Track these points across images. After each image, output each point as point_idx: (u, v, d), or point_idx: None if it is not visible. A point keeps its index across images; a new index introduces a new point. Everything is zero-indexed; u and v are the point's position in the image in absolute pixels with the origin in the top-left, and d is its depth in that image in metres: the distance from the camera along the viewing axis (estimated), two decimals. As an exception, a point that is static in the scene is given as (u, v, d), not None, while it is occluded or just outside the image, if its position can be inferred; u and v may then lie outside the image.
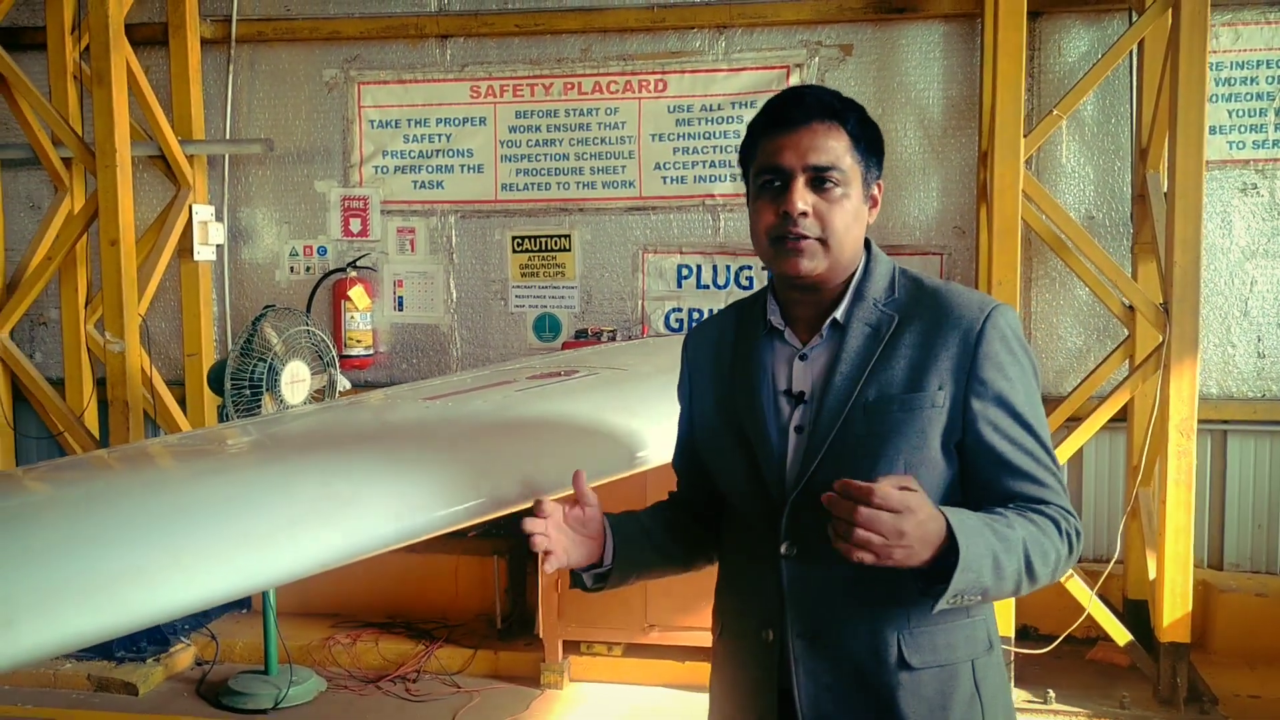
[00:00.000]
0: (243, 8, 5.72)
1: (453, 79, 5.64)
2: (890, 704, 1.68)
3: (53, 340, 5.92)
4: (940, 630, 1.69)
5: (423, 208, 5.74)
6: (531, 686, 4.91)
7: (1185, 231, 4.37)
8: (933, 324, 1.69)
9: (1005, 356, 1.67)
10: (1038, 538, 1.62)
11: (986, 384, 1.66)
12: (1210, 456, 5.17)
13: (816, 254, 1.69)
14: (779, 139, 1.70)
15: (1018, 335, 1.70)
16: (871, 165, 1.74)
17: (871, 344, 1.70)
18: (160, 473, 2.03)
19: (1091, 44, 5.14)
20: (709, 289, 5.52)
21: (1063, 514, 1.67)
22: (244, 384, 4.51)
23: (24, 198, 5.95)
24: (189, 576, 1.64)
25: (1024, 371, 1.69)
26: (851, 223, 1.71)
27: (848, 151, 1.70)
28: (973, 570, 1.53)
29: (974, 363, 1.66)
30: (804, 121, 1.70)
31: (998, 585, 1.58)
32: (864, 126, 1.73)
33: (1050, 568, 1.64)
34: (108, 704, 4.85)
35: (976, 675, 1.72)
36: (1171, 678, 4.48)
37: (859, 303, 1.74)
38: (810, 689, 1.71)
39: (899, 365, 1.68)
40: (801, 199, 1.68)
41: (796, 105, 1.72)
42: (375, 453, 2.03)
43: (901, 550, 1.49)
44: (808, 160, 1.69)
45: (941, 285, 1.76)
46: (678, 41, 5.47)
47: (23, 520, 1.71)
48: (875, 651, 1.68)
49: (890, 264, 1.79)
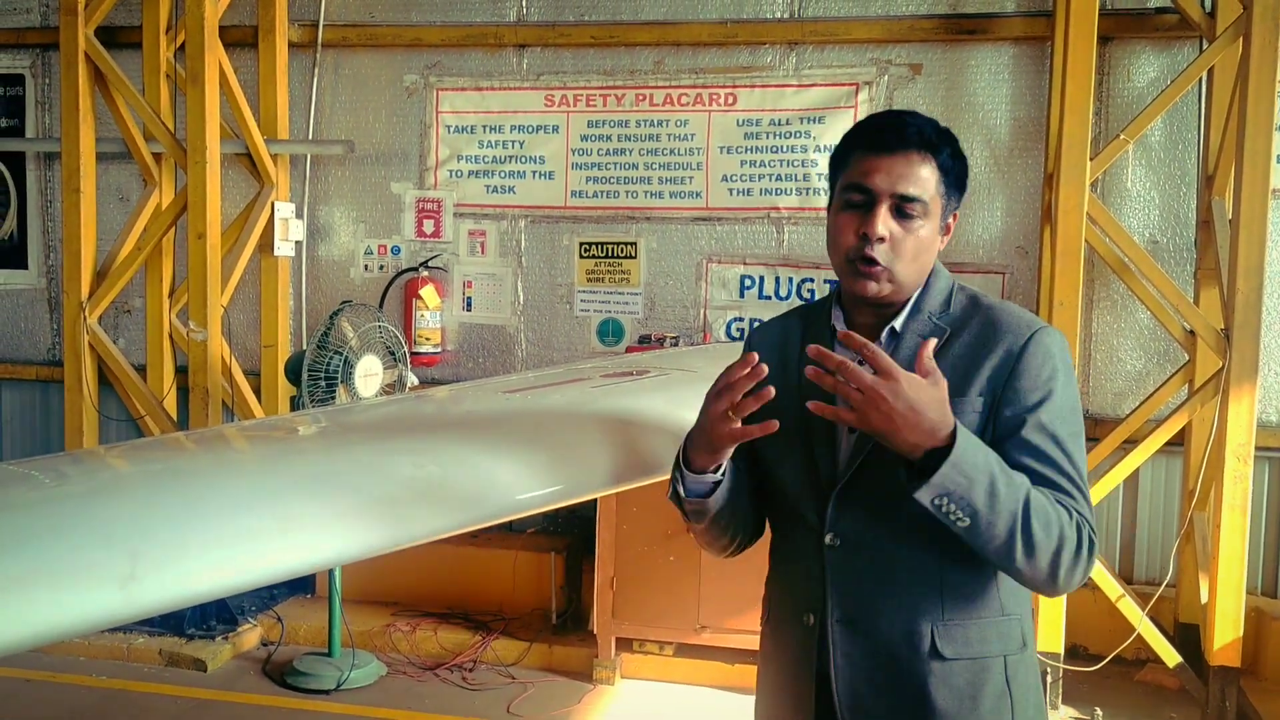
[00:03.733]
0: (329, 13, 5.93)
1: (528, 87, 5.80)
2: (922, 692, 1.76)
3: (136, 328, 6.16)
4: (974, 624, 1.77)
5: (494, 211, 5.90)
6: (584, 681, 5.03)
7: (1249, 258, 4.40)
8: (981, 337, 1.77)
9: (1043, 373, 1.72)
10: (1044, 505, 1.65)
11: (1020, 394, 1.72)
12: (1268, 483, 5.16)
13: (885, 280, 1.77)
14: (874, 159, 1.76)
15: (1062, 357, 1.75)
16: (953, 197, 1.82)
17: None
18: (265, 449, 2.18)
19: (1160, 70, 5.18)
20: (771, 300, 5.62)
21: (1081, 517, 1.69)
22: (320, 376, 4.68)
23: (114, 190, 6.20)
24: (293, 542, 1.78)
25: (1060, 390, 1.72)
26: (923, 251, 1.79)
27: (935, 184, 1.78)
28: (963, 475, 1.58)
29: (1011, 374, 1.72)
30: (901, 148, 1.76)
31: (990, 515, 1.60)
32: (955, 160, 1.80)
33: (1053, 542, 1.64)
34: (177, 679, 5.04)
35: (1009, 671, 1.78)
36: (1220, 702, 4.49)
37: (916, 315, 1.81)
38: (847, 672, 1.80)
39: (946, 373, 1.69)
40: (884, 224, 1.75)
41: (897, 131, 1.77)
42: (462, 439, 2.16)
43: (876, 415, 1.57)
44: (896, 188, 1.75)
45: (996, 303, 1.82)
46: (749, 57, 5.58)
47: (147, 484, 1.86)
48: (909, 640, 1.76)
49: (950, 280, 1.86)
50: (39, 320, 6.42)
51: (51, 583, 1.49)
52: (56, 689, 4.89)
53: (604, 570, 4.99)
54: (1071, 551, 1.67)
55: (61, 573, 1.51)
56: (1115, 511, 5.34)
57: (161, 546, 1.65)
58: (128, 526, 1.66)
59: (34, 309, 6.42)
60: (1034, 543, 1.63)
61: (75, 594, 1.51)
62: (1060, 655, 4.61)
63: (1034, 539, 1.63)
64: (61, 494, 1.73)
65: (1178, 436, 4.85)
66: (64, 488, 1.77)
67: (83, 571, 1.53)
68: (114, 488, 1.87)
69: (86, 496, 1.74)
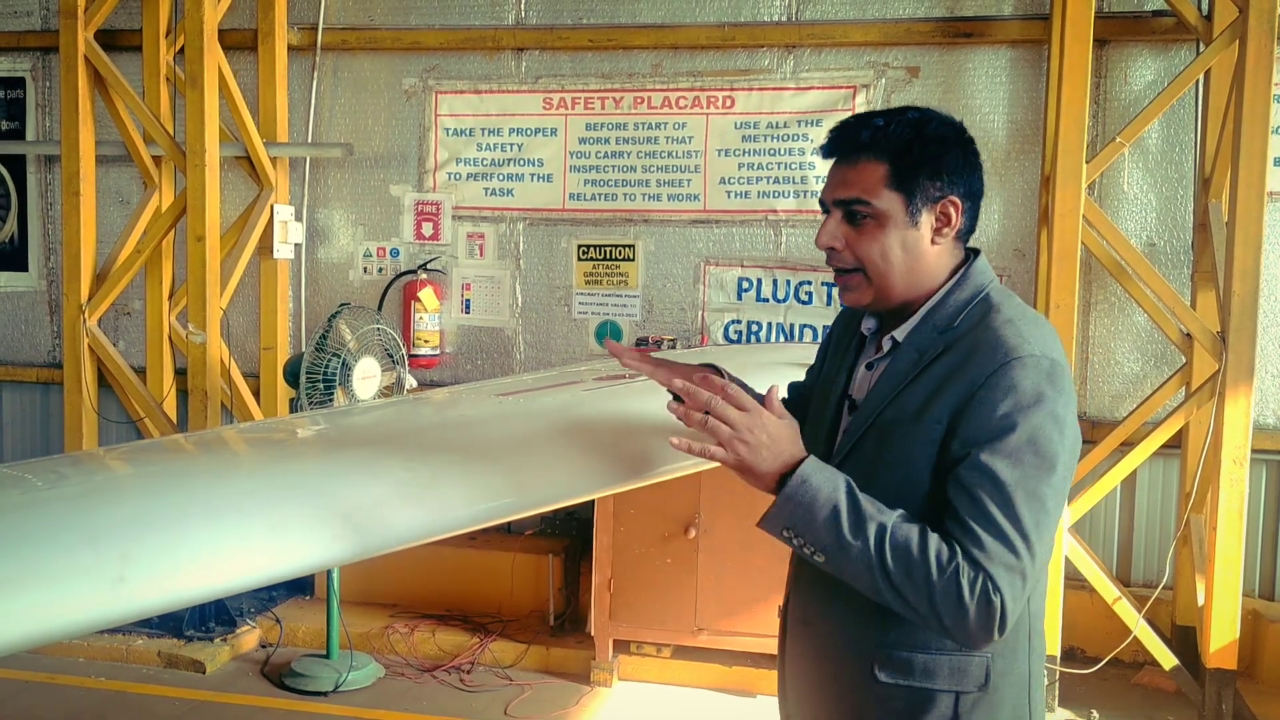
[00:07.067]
0: (328, 17, 5.95)
1: (526, 90, 5.82)
2: (861, 705, 1.74)
3: (136, 330, 6.18)
4: (920, 655, 1.69)
5: (493, 214, 5.91)
6: (581, 683, 5.04)
7: (1245, 261, 4.41)
8: (958, 360, 1.66)
9: (1000, 408, 1.58)
10: (911, 548, 1.55)
11: (970, 429, 1.60)
12: (1265, 486, 5.17)
13: (859, 286, 1.75)
14: (831, 169, 1.77)
15: (1036, 392, 1.59)
16: (923, 187, 1.70)
17: (913, 368, 1.70)
18: (257, 452, 2.19)
19: (1157, 73, 5.19)
20: (769, 302, 5.63)
21: (981, 569, 1.54)
22: (318, 378, 4.69)
23: (114, 192, 6.22)
24: (283, 545, 1.79)
25: (1020, 429, 1.58)
26: (894, 251, 1.71)
27: (882, 182, 1.70)
28: (803, 508, 1.59)
29: (968, 406, 1.61)
30: (845, 154, 1.74)
31: (838, 553, 1.57)
32: (927, 146, 1.70)
33: (919, 588, 1.54)
34: (176, 680, 5.05)
35: (959, 709, 1.69)
36: (1217, 704, 4.50)
37: (922, 325, 1.73)
38: (794, 669, 1.87)
39: (919, 393, 1.67)
40: (829, 235, 1.74)
41: (840, 137, 1.75)
42: (453, 441, 2.17)
43: (745, 446, 1.62)
44: (836, 194, 1.74)
45: (1000, 323, 1.67)
46: (746, 60, 5.59)
47: (138, 486, 1.86)
48: (852, 651, 1.74)
49: (974, 292, 1.73)
50: (39, 322, 6.44)
51: (42, 584, 1.51)
52: (55, 690, 4.91)
53: (601, 572, 5.00)
54: (952, 602, 1.54)
55: (52, 574, 1.52)
56: (1112, 514, 5.35)
57: (152, 548, 1.66)
58: (118, 528, 1.67)
59: (34, 311, 6.44)
60: (896, 587, 1.56)
61: (65, 595, 1.52)
62: (1057, 657, 4.62)
63: (894, 583, 1.55)
64: (52, 496, 1.74)
65: (1175, 439, 4.86)
66: (55, 490, 1.78)
67: (73, 573, 1.54)
68: (105, 490, 1.88)
69: (77, 499, 1.75)
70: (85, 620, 1.54)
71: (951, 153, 1.72)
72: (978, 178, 1.76)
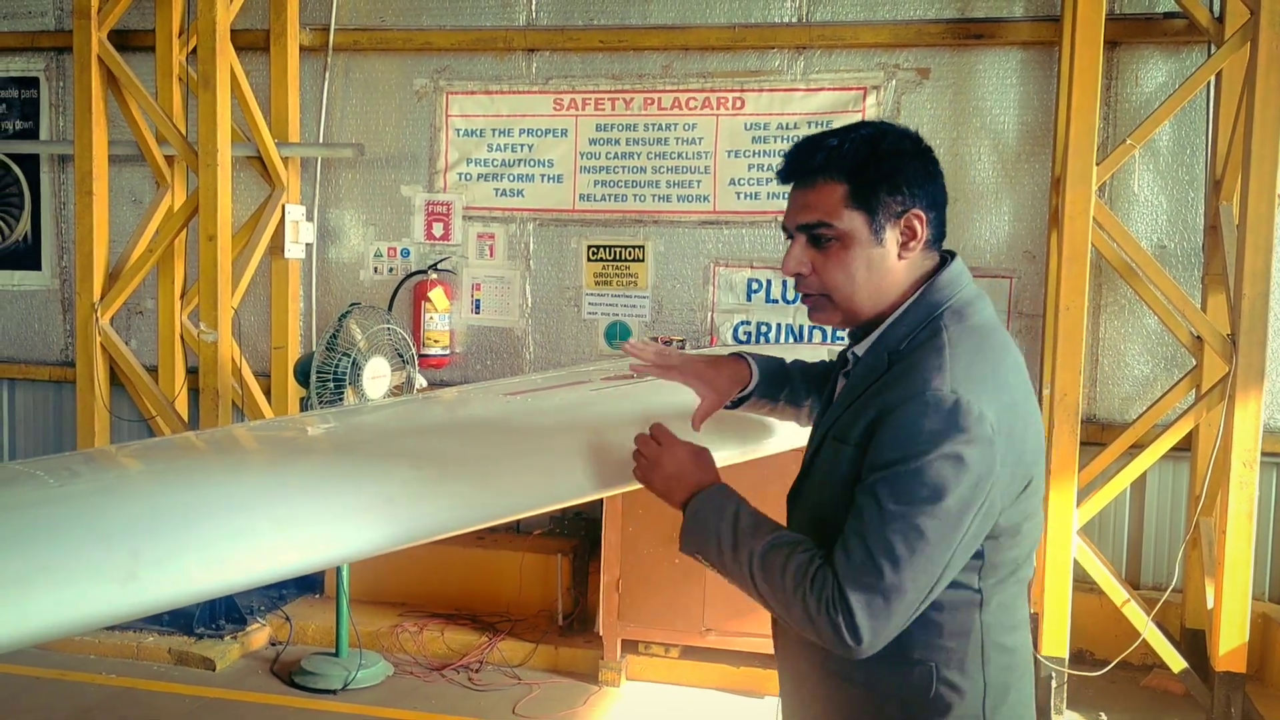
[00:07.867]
0: (340, 18, 5.97)
1: (537, 91, 5.83)
2: (827, 704, 1.79)
3: (148, 329, 6.21)
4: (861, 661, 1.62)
5: (503, 214, 5.93)
6: (589, 683, 5.05)
7: (1255, 263, 4.40)
8: (885, 384, 1.65)
9: (899, 438, 1.57)
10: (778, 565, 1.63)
11: (874, 452, 1.60)
12: (1275, 489, 5.16)
13: (825, 308, 1.75)
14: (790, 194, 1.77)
15: (927, 432, 1.55)
16: (885, 203, 1.67)
17: (862, 386, 1.70)
18: (267, 450, 2.20)
19: (1168, 75, 5.17)
20: (778, 303, 5.63)
21: (831, 580, 1.57)
22: (329, 377, 4.71)
23: (127, 192, 6.25)
24: (292, 541, 1.80)
25: (915, 465, 1.55)
26: (859, 272, 1.69)
27: (842, 202, 1.67)
28: (701, 529, 1.76)
29: (877, 431, 1.60)
30: (800, 178, 1.73)
31: (727, 573, 1.73)
32: (881, 162, 1.67)
33: (782, 605, 1.63)
34: (186, 677, 5.07)
35: (911, 714, 1.69)
36: (1226, 708, 4.49)
37: (877, 344, 1.72)
38: (780, 670, 1.94)
39: (855, 413, 1.67)
40: (795, 261, 1.73)
41: (792, 163, 1.73)
42: (461, 441, 2.19)
43: (658, 475, 1.84)
44: (798, 219, 1.72)
45: (930, 353, 1.63)
46: (757, 61, 5.60)
47: (148, 483, 1.88)
48: (814, 658, 1.76)
49: (927, 310, 1.69)
50: (52, 321, 6.48)
51: (52, 580, 1.52)
52: (66, 687, 4.93)
53: (610, 572, 5.01)
54: (808, 614, 1.59)
55: (62, 570, 1.53)
56: (1122, 516, 5.34)
57: (161, 545, 1.67)
58: (129, 525, 1.69)
59: (47, 310, 6.48)
60: (770, 603, 1.67)
61: (76, 591, 1.53)
62: (1065, 660, 4.61)
63: (767, 599, 1.67)
64: (64, 493, 1.75)
65: (1184, 442, 4.85)
66: (67, 487, 1.79)
67: (83, 569, 1.55)
68: (116, 487, 1.89)
69: (89, 496, 1.76)
70: (96, 616, 1.56)
71: (909, 165, 1.69)
72: (939, 186, 1.73)
